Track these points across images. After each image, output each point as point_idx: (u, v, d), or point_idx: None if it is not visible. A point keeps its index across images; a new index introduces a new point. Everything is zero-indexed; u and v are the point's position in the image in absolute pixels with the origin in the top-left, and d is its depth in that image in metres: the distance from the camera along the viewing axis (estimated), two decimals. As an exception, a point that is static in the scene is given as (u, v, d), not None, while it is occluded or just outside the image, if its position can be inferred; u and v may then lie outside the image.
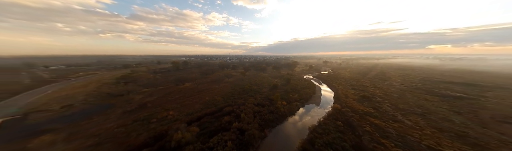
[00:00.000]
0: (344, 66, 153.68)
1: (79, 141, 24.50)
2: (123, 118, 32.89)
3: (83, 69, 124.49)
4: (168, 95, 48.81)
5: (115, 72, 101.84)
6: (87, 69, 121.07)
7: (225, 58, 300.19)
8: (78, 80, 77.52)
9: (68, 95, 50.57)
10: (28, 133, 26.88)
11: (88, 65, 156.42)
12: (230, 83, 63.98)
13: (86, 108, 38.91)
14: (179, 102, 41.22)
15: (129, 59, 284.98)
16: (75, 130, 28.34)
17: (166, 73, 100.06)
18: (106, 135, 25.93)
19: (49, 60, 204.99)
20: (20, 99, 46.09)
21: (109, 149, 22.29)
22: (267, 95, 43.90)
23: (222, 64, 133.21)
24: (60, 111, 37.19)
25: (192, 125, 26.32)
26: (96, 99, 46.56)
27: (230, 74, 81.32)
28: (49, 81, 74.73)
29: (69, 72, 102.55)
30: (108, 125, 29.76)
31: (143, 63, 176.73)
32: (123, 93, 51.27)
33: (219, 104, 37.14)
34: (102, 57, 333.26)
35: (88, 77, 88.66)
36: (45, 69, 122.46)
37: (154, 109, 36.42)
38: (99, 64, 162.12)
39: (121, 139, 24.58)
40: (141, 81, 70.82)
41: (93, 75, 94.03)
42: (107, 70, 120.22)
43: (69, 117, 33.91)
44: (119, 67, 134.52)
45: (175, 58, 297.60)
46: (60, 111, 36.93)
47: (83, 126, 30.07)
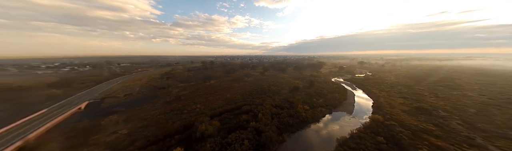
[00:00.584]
0: (389, 68, 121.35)
1: (133, 123, 29.84)
2: (163, 107, 38.15)
3: (140, 66, 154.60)
4: (197, 90, 53.61)
5: (160, 70, 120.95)
6: (143, 67, 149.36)
7: (245, 59, 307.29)
8: (136, 74, 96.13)
9: (129, 85, 63.14)
10: (102, 113, 34.89)
11: (144, 63, 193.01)
12: (249, 82, 63.69)
13: (139, 97, 47.46)
14: (205, 97, 44.50)
15: (171, 59, 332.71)
16: (131, 114, 34.80)
17: (196, 71, 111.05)
18: (151, 120, 30.57)
19: (120, 60, 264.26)
20: (101, 87, 60.80)
21: (152, 131, 26.07)
22: (286, 97, 41.33)
23: (242, 64, 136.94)
24: (123, 98, 46.76)
25: (214, 119, 27.63)
26: (146, 90, 56.21)
27: (249, 74, 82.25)
28: (119, 74, 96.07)
29: (132, 69, 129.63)
30: (153, 112, 35.15)
31: (181, 62, 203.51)
32: (165, 86, 59.76)
33: (238, 102, 37.57)
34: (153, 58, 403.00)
35: (143, 72, 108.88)
36: (117, 66, 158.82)
37: (186, 102, 40.57)
38: (151, 63, 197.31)
39: (161, 125, 28.39)
40: (178, 77, 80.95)
41: (146, 71, 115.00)
42: (156, 67, 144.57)
43: (128, 103, 42.13)
44: (164, 66, 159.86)
45: (204, 58, 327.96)
46: (123, 98, 46.43)
47: (136, 111, 36.64)
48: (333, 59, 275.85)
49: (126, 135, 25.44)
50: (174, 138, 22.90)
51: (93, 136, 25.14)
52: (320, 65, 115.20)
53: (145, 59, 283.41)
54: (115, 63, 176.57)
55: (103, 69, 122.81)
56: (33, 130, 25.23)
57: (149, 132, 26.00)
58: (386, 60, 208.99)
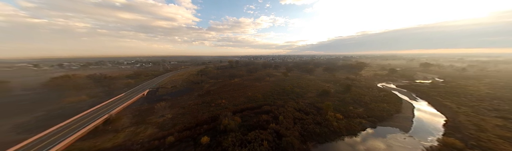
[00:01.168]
0: (475, 73, 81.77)
1: (175, 110, 35.05)
2: (197, 99, 42.88)
3: (184, 64, 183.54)
4: (223, 87, 57.16)
5: (197, 67, 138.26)
6: (185, 65, 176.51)
7: (268, 58, 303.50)
8: (180, 71, 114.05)
9: (175, 79, 75.35)
10: (156, 99, 42.99)
11: (186, 62, 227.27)
12: (271, 82, 61.20)
13: (181, 89, 55.59)
14: (230, 93, 46.62)
15: (205, 59, 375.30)
16: (174, 102, 41.08)
17: (224, 69, 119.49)
18: (188, 109, 34.88)
19: (171, 59, 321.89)
20: (157, 79, 75.74)
21: (187, 118, 29.58)
22: (313, 101, 36.54)
23: (265, 64, 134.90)
24: (170, 89, 56.13)
25: (236, 115, 28.17)
26: (186, 83, 65.28)
27: (271, 74, 79.45)
28: (170, 70, 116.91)
29: (178, 66, 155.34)
30: (189, 102, 40.15)
31: (212, 62, 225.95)
32: (199, 82, 67.50)
33: (258, 101, 36.68)
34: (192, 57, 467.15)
35: (185, 69, 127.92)
36: (169, 63, 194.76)
37: (214, 96, 43.91)
38: (190, 62, 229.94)
39: (194, 114, 31.83)
40: (210, 74, 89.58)
41: (187, 68, 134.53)
42: (194, 65, 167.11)
43: (173, 93, 50.14)
44: (200, 64, 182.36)
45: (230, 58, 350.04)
46: (170, 89, 55.73)
47: (178, 100, 43.00)
48: (380, 59, 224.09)
49: (170, 119, 30.04)
50: (203, 127, 24.93)
51: (149, 117, 31.17)
52: (360, 66, 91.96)
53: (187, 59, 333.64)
54: (167, 61, 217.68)
55: (160, 66, 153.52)
56: (114, 108, 34.01)
57: (185, 118, 29.65)
58: (468, 62, 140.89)
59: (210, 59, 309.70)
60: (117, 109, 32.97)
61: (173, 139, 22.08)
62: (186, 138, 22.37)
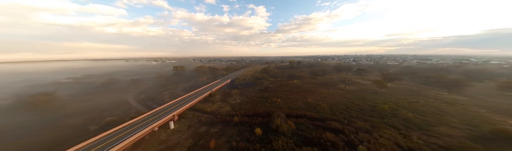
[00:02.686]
0: None
1: (242, 97, 42.62)
2: (257, 93, 47.59)
3: (253, 63, 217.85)
4: (281, 86, 55.96)
5: (262, 66, 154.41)
6: (255, 63, 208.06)
7: (345, 59, 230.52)
8: (250, 68, 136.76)
9: (246, 74, 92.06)
10: (233, 87, 56.18)
11: (255, 61, 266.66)
12: (347, 91, 44.94)
13: (248, 82, 66.19)
14: (286, 94, 44.07)
15: (269, 59, 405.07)
16: (242, 91, 50.03)
17: (283, 69, 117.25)
18: (250, 99, 40.24)
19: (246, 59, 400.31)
20: (237, 73, 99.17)
21: (248, 107, 34.07)
22: (451, 144, 17.97)
23: (339, 66, 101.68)
24: (242, 80, 69.70)
25: (290, 119, 25.19)
26: (252, 78, 76.17)
27: (350, 80, 57.42)
28: (244, 67, 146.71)
29: (250, 64, 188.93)
30: (252, 94, 46.12)
31: (274, 61, 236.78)
32: (261, 78, 74.44)
33: (322, 111, 29.45)
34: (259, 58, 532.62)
35: (253, 67, 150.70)
36: (244, 62, 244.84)
37: (271, 93, 44.94)
38: (258, 61, 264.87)
39: (253, 104, 35.71)
40: (270, 72, 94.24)
41: (255, 66, 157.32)
42: (260, 64, 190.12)
43: (243, 84, 61.43)
44: (264, 63, 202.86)
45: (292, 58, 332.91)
46: (242, 81, 69.20)
47: (245, 90, 51.68)
48: None
49: (238, 103, 37.14)
50: (258, 118, 26.63)
51: (228, 98, 41.62)
52: None
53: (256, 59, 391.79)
54: (244, 60, 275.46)
55: (239, 63, 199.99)
56: (214, 87, 50.73)
57: (247, 106, 34.47)
58: None
59: (273, 59, 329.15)
60: (215, 88, 48.87)
61: (238, 119, 26.75)
62: (245, 123, 25.64)
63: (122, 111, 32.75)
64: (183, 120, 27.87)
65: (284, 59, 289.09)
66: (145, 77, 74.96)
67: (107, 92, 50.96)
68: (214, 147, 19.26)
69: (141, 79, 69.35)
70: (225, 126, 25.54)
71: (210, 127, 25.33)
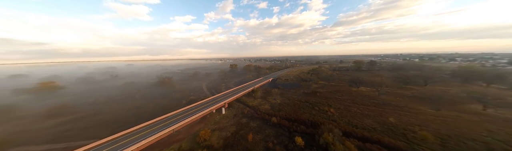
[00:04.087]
0: None
1: (282, 98, 40.22)
2: (301, 96, 42.09)
3: (299, 63, 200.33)
4: (336, 93, 44.18)
5: (310, 67, 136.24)
6: (300, 63, 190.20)
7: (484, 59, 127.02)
8: (294, 68, 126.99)
9: (288, 74, 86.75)
10: (274, 86, 55.19)
11: (301, 61, 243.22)
12: (488, 119, 24.38)
13: (291, 83, 61.42)
14: (344, 104, 33.65)
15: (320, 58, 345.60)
16: (283, 92, 47.39)
17: (343, 72, 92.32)
18: (291, 101, 36.74)
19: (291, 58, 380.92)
20: (279, 72, 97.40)
21: (288, 109, 31.24)
22: None
23: (469, 71, 55.15)
24: (283, 80, 66.55)
25: (351, 140, 18.19)
26: (295, 79, 69.58)
27: (496, 98, 29.64)
28: (288, 67, 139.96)
29: (294, 64, 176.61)
30: (293, 96, 41.83)
31: (329, 61, 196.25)
32: (307, 80, 65.01)
33: (421, 144, 17.83)
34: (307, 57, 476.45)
35: (298, 67, 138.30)
36: (289, 62, 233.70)
37: (320, 100, 37.08)
38: (305, 61, 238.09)
39: (295, 109, 31.90)
40: (321, 74, 79.01)
41: (300, 66, 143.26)
42: (307, 64, 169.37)
43: (284, 84, 58.14)
44: (313, 63, 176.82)
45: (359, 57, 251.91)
46: (283, 81, 66.10)
47: (286, 91, 48.40)
48: None
49: (278, 104, 35.65)
50: (299, 126, 23.06)
51: (268, 97, 41.85)
52: None
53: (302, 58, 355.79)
54: (288, 60, 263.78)
55: (283, 63, 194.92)
56: (256, 84, 53.65)
57: (287, 109, 31.75)
58: None
59: (326, 59, 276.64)
60: (257, 85, 51.77)
61: (276, 120, 25.38)
62: (283, 127, 23.43)
63: (198, 94, 48.74)
64: (231, 109, 33.15)
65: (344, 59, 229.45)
66: (213, 72, 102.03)
67: (193, 80, 78.36)
68: (251, 142, 20.22)
69: (211, 72, 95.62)
70: (263, 123, 25.73)
71: (250, 121, 27.19)
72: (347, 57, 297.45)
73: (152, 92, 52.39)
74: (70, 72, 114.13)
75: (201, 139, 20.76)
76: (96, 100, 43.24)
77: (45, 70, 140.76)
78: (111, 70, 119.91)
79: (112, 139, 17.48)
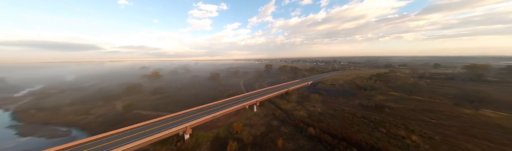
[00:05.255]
0: None
1: (325, 107, 33.59)
2: (356, 108, 32.55)
3: (354, 65, 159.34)
4: (424, 112, 29.15)
5: (373, 70, 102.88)
6: (356, 66, 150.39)
7: None
8: (347, 71, 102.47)
9: (337, 78, 71.23)
10: (314, 91, 47.83)
11: (358, 63, 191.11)
12: None
13: (339, 89, 49.83)
14: (443, 132, 21.25)
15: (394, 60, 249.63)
16: (328, 99, 39.48)
17: (441, 81, 59.28)
18: (338, 113, 29.59)
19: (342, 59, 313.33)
20: (321, 75, 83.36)
21: (334, 123, 25.27)
22: None
23: None
24: (328, 85, 55.64)
25: None
26: (347, 85, 55.47)
27: None
28: (336, 69, 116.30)
29: (346, 66, 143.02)
30: (343, 107, 33.37)
31: (410, 64, 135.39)
32: (368, 88, 49.19)
33: None
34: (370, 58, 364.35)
35: (353, 70, 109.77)
36: (338, 64, 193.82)
37: (390, 118, 26.25)
38: (366, 63, 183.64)
39: (344, 123, 25.20)
40: (393, 83, 56.47)
41: (357, 70, 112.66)
42: (369, 68, 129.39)
43: (329, 90, 48.30)
44: (379, 67, 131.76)
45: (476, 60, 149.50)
46: (328, 85, 55.28)
47: (331, 99, 39.88)
48: None
49: (318, 113, 30.31)
50: (351, 148, 17.60)
51: (305, 102, 37.13)
52: None
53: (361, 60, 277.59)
54: (337, 62, 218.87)
55: (328, 65, 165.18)
56: (291, 86, 49.64)
57: (331, 121, 25.89)
58: None
59: (406, 61, 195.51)
60: (292, 88, 47.81)
61: (314, 132, 21.62)
62: (323, 142, 19.29)
63: (236, 89, 55.31)
64: (262, 108, 33.55)
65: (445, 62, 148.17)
66: (250, 71, 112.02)
67: (233, 77, 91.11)
68: (281, 148, 18.93)
69: (248, 71, 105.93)
70: (297, 132, 23.08)
71: (281, 125, 25.69)
72: (448, 59, 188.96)
73: (206, 84, 67.46)
74: (166, 67, 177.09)
75: (234, 130, 22.86)
76: (176, 86, 63.49)
77: (156, 65, 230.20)
78: (186, 66, 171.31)
79: (176, 115, 24.43)
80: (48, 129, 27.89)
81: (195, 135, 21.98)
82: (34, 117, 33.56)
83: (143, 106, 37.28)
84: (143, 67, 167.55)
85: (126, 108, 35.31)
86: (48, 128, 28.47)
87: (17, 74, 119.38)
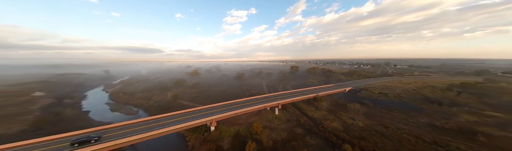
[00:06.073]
0: None
1: (371, 121, 26.83)
2: (422, 129, 23.79)
3: (419, 70, 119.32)
4: None
5: (453, 78, 72.54)
6: (423, 71, 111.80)
7: None
8: (407, 78, 78.01)
9: (390, 86, 55.51)
10: (354, 99, 39.65)
11: (427, 67, 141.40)
12: None
13: (394, 100, 38.47)
14: None
15: (492, 64, 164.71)
16: (374, 112, 31.35)
17: None
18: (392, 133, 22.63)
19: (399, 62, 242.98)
20: (366, 80, 68.10)
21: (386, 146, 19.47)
22: None
23: None
24: (376, 95, 44.25)
25: None
26: (408, 97, 41.81)
27: None
28: (389, 74, 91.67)
29: (406, 71, 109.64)
30: (399, 125, 25.32)
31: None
32: (444, 103, 34.78)
33: None
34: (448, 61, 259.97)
35: (418, 77, 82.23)
36: (393, 67, 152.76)
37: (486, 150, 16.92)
38: (440, 68, 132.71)
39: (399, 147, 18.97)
40: (495, 97, 36.77)
41: (425, 76, 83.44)
42: (446, 74, 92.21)
43: (378, 101, 38.23)
44: (466, 73, 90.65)
45: None
46: (375, 95, 43.98)
47: (381, 112, 31.31)
48: None
49: (359, 128, 24.66)
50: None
51: (340, 112, 31.49)
52: None
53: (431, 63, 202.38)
54: (391, 64, 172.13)
55: (378, 68, 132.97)
56: (321, 91, 43.36)
57: (382, 142, 20.21)
58: None
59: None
60: (322, 93, 41.88)
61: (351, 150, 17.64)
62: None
63: (258, 89, 56.64)
64: (285, 112, 31.76)
65: None
66: (273, 72, 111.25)
67: (257, 77, 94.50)
68: None
69: (271, 72, 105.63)
70: (327, 146, 19.98)
71: (307, 134, 23.12)
72: None
73: (232, 82, 73.38)
74: (203, 66, 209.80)
75: (254, 130, 22.99)
76: (208, 82, 73.59)
77: (197, 65, 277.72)
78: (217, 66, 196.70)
79: (206, 108, 27.87)
80: (126, 108, 39.63)
81: (220, 128, 24.06)
82: (120, 98, 48.95)
83: (184, 97, 45.57)
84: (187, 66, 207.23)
85: (173, 98, 44.43)
86: (126, 107, 40.54)
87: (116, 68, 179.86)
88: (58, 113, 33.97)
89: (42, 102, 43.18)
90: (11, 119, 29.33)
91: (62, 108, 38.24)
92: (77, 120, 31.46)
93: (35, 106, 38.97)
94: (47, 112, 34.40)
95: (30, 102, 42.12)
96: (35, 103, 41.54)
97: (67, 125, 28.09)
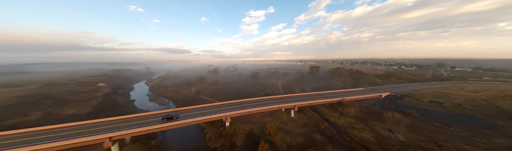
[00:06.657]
0: None
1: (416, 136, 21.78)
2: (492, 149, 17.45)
3: (492, 74, 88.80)
4: None
5: None
6: (498, 75, 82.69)
7: None
8: (473, 83, 59.59)
9: (448, 93, 43.44)
10: (392, 107, 33.07)
11: (505, 71, 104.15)
12: None
13: (453, 112, 29.90)
14: None
15: None
16: (422, 124, 25.23)
17: None
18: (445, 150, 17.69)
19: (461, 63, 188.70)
20: (410, 85, 55.86)
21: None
22: None
23: None
24: (425, 103, 35.44)
25: None
26: (475, 108, 31.64)
27: None
28: (444, 78, 72.57)
29: (470, 75, 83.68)
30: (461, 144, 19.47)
31: None
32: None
33: None
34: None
35: (491, 83, 61.56)
36: (449, 69, 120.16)
37: None
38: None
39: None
40: None
41: (501, 83, 61.69)
42: (546, 81, 65.02)
43: (428, 111, 30.60)
44: None
45: None
46: (425, 104, 35.25)
47: (431, 124, 24.97)
48: None
49: (398, 142, 20.41)
50: None
51: (372, 121, 26.97)
52: None
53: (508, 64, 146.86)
54: (448, 66, 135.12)
55: (428, 71, 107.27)
56: (347, 95, 38.09)
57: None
58: None
59: None
60: (349, 98, 36.59)
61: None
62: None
63: (273, 90, 55.61)
64: (301, 115, 29.92)
65: None
66: (290, 72, 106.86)
67: (272, 77, 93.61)
68: None
69: (288, 72, 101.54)
70: None
71: (328, 142, 20.99)
72: None
73: (247, 81, 74.90)
74: (222, 65, 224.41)
75: (267, 131, 22.61)
76: (226, 80, 77.77)
77: (217, 64, 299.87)
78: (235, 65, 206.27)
79: (222, 104, 29.36)
80: (160, 99, 46.83)
81: (234, 124, 24.93)
82: (157, 91, 58.15)
83: (204, 93, 49.79)
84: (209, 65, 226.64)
85: (196, 93, 49.34)
86: (160, 98, 47.81)
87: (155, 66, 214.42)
88: (113, 100, 43.09)
89: (103, 91, 55.77)
90: (83, 103, 39.29)
91: (116, 96, 48.54)
92: (126, 106, 39.12)
93: (98, 94, 50.76)
94: (106, 99, 44.22)
95: (96, 90, 55.11)
96: (99, 91, 54.04)
97: (118, 110, 35.27)
